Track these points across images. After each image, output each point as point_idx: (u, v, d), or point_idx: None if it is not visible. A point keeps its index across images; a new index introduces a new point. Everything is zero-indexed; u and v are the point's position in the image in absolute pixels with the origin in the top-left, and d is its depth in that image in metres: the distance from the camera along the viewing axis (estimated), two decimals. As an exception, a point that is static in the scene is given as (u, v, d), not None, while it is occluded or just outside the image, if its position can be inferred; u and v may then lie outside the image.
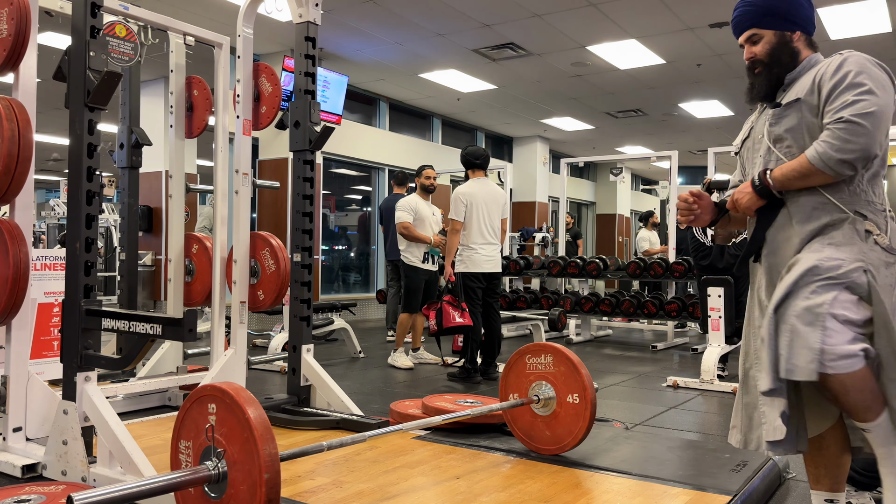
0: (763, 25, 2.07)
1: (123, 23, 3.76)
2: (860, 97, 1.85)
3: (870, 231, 1.90)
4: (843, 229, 1.92)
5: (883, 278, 1.87)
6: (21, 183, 2.69)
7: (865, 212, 1.93)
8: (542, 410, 2.86)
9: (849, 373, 1.75)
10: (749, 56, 2.10)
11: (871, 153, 1.84)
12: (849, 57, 1.95)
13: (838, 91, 1.89)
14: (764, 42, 2.07)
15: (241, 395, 1.75)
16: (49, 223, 11.03)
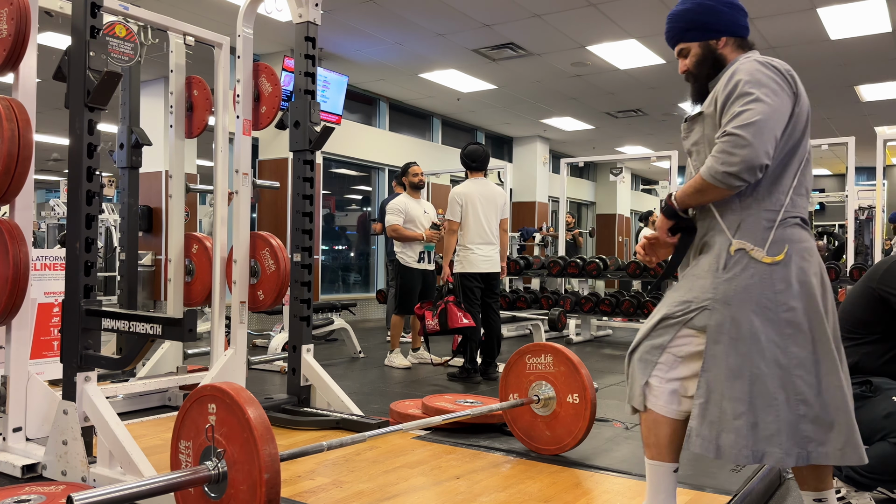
0: (687, 39, 2.11)
1: (123, 23, 3.76)
2: (745, 107, 1.85)
3: (743, 249, 1.88)
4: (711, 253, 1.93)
5: (740, 305, 1.85)
6: (21, 183, 2.69)
7: (747, 222, 1.90)
8: (542, 410, 2.86)
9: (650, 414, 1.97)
10: (682, 69, 2.14)
11: (756, 163, 1.80)
12: (741, 66, 1.96)
13: (729, 103, 1.90)
14: (692, 55, 2.11)
15: (241, 395, 1.75)
16: (49, 223, 11.03)
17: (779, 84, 1.92)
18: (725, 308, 1.86)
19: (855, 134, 7.68)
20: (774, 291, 1.84)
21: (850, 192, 7.21)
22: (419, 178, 5.86)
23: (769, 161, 1.82)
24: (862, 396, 2.41)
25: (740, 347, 1.83)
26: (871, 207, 10.95)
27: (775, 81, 1.91)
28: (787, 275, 1.85)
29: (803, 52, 8.54)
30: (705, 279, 1.91)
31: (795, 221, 1.91)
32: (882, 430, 2.30)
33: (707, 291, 1.89)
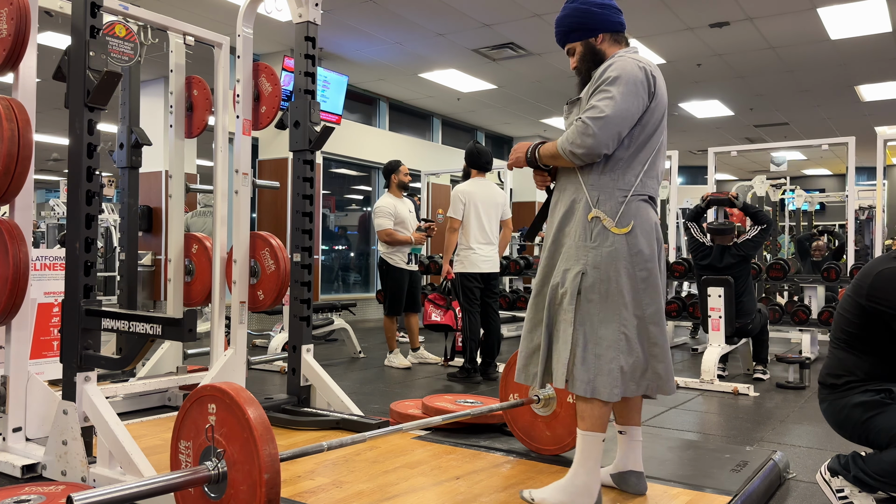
0: (572, 40, 2.39)
1: (123, 23, 3.76)
2: (601, 101, 2.17)
3: (598, 217, 2.22)
4: (576, 220, 2.26)
5: (605, 268, 2.20)
6: (21, 183, 2.69)
7: (604, 197, 2.23)
8: (542, 410, 2.86)
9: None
10: (572, 66, 2.41)
11: (595, 152, 2.16)
12: (615, 62, 2.25)
13: (593, 93, 2.23)
14: (577, 53, 2.39)
15: (241, 395, 1.75)
16: (49, 223, 11.03)
17: (637, 87, 2.20)
18: (595, 271, 2.20)
19: (855, 134, 7.67)
20: (631, 255, 2.21)
21: (850, 193, 7.20)
22: (409, 177, 5.87)
23: (609, 151, 2.19)
24: (881, 403, 2.39)
25: (609, 303, 2.19)
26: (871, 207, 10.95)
27: (636, 84, 2.20)
28: (637, 243, 2.22)
29: (803, 52, 8.54)
30: (578, 249, 2.23)
31: (643, 198, 2.29)
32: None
33: (581, 259, 2.22)
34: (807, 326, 6.30)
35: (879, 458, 2.35)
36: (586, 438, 2.27)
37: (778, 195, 11.00)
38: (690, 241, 5.54)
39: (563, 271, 2.25)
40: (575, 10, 2.36)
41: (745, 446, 3.29)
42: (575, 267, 2.22)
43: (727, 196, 5.63)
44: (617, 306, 2.19)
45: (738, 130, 13.34)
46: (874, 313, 2.40)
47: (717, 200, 5.70)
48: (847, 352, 2.50)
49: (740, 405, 4.44)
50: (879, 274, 2.41)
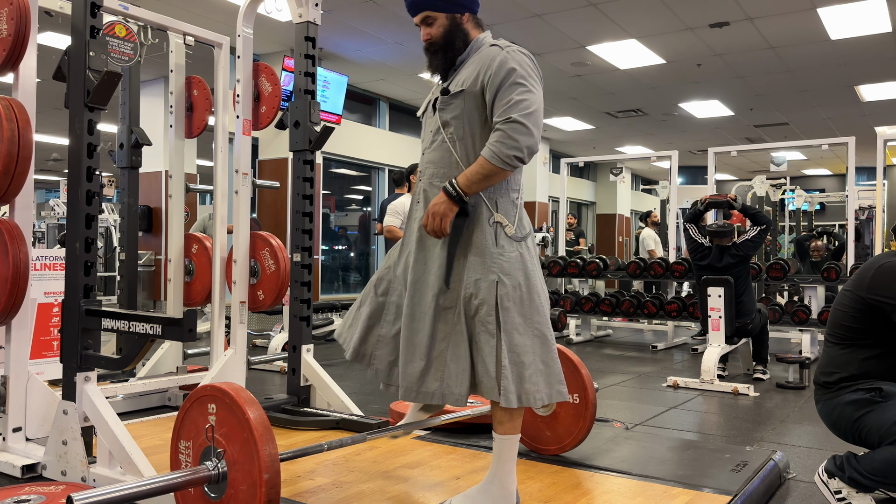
0: (436, 8, 2.20)
1: (123, 23, 3.76)
2: (522, 96, 2.06)
3: (499, 223, 2.16)
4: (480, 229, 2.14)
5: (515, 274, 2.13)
6: (21, 183, 2.69)
7: (501, 201, 2.17)
8: (542, 410, 2.86)
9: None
10: (426, 37, 2.23)
11: (535, 149, 2.07)
12: (510, 55, 2.12)
13: (503, 89, 2.08)
14: (438, 25, 2.21)
15: (240, 395, 1.75)
16: (49, 223, 11.02)
17: (538, 77, 2.15)
18: (508, 279, 2.11)
19: (855, 134, 7.68)
20: (531, 261, 2.19)
21: (850, 193, 7.21)
22: None
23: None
24: (872, 402, 2.39)
25: (523, 309, 2.13)
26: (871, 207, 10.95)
27: (537, 74, 2.15)
28: (532, 248, 2.22)
29: (803, 52, 8.54)
30: (487, 257, 2.13)
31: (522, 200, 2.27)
32: (890, 435, 2.30)
33: (492, 267, 2.12)
34: (807, 326, 6.30)
35: (872, 458, 2.35)
36: (505, 442, 2.19)
37: (778, 195, 11.00)
38: (689, 241, 5.54)
39: (474, 281, 2.11)
40: None
41: (745, 446, 3.29)
42: (488, 276, 2.10)
43: (726, 198, 5.64)
44: (530, 312, 2.13)
45: (738, 130, 13.34)
46: (875, 306, 2.42)
47: (715, 203, 5.70)
48: (840, 348, 2.51)
49: (740, 405, 4.44)
50: (881, 267, 2.43)
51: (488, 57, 2.14)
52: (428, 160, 2.26)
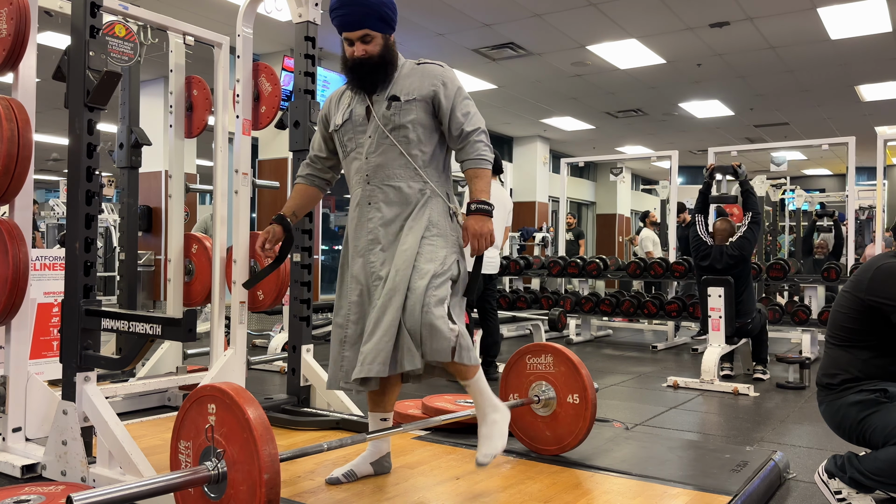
0: (377, 29, 2.36)
1: (123, 23, 3.75)
2: (474, 109, 2.45)
3: (455, 212, 2.43)
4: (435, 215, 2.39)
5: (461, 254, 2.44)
6: (20, 183, 2.68)
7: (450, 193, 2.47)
8: (542, 411, 2.86)
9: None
10: (361, 53, 2.36)
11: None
12: (446, 70, 2.50)
13: (459, 103, 2.42)
14: (375, 43, 2.37)
15: (240, 395, 1.75)
16: (49, 223, 11.02)
17: None
18: (462, 258, 2.41)
19: (855, 134, 7.67)
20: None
21: (850, 192, 7.21)
22: None
23: None
24: (877, 402, 2.39)
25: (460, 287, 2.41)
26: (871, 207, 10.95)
27: None
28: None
29: (803, 52, 8.54)
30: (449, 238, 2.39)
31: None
32: (894, 436, 2.30)
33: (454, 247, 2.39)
34: (807, 326, 6.30)
35: (875, 457, 2.35)
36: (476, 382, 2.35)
37: (778, 195, 11.01)
38: (694, 238, 5.47)
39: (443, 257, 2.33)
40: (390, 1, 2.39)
41: (745, 446, 3.28)
42: (452, 255, 2.37)
43: (731, 165, 5.58)
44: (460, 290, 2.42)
45: (738, 130, 13.34)
46: (874, 307, 2.41)
47: (721, 168, 5.70)
48: (842, 349, 2.51)
49: (740, 405, 4.44)
50: (879, 268, 2.42)
51: (432, 72, 2.46)
52: (375, 164, 2.40)
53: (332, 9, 2.35)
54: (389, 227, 2.38)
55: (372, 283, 2.37)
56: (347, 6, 2.32)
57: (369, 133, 2.42)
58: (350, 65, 2.40)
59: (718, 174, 6.01)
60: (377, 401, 2.59)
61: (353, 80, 2.43)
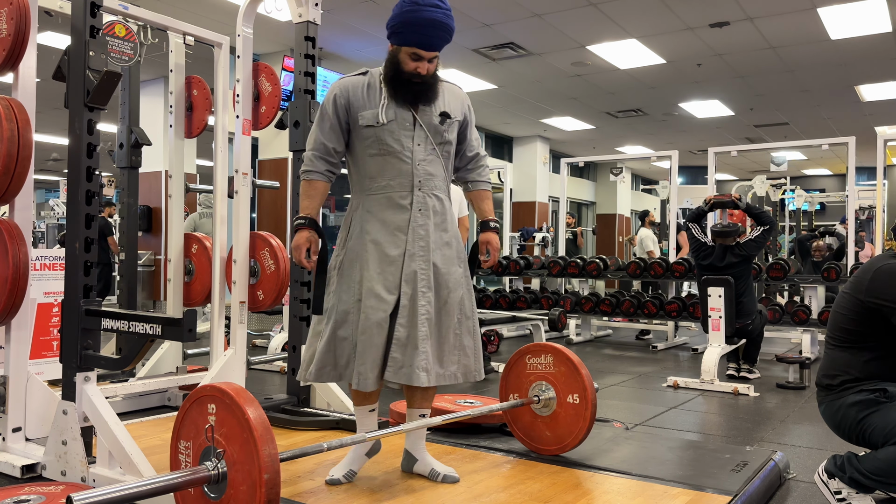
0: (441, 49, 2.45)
1: (123, 22, 3.75)
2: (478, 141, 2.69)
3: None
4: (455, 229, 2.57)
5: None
6: (20, 183, 2.69)
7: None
8: (542, 411, 2.86)
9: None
10: (426, 72, 2.42)
11: None
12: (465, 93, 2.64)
13: (472, 125, 2.64)
14: (436, 63, 2.46)
15: (240, 395, 1.75)
16: (49, 223, 11.02)
17: None
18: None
19: (855, 134, 7.67)
20: None
21: (850, 193, 7.21)
22: None
23: None
24: (877, 402, 2.39)
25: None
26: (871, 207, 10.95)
27: None
28: None
29: (803, 52, 8.54)
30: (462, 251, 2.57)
31: None
32: (894, 435, 2.30)
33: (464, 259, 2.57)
34: (807, 326, 6.30)
35: (874, 457, 2.35)
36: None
37: (778, 195, 11.01)
38: (692, 240, 5.53)
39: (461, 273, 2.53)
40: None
41: (745, 446, 3.28)
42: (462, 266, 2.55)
43: (730, 198, 5.62)
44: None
45: (738, 130, 13.34)
46: (874, 309, 2.40)
47: (720, 203, 5.70)
48: (842, 350, 2.51)
49: (740, 405, 4.44)
50: (879, 270, 2.42)
51: (461, 95, 2.60)
52: (426, 172, 2.47)
53: (413, 24, 2.34)
54: (436, 235, 2.48)
55: (420, 289, 2.41)
56: (436, 29, 2.35)
57: (418, 141, 2.45)
58: (410, 78, 2.41)
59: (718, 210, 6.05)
60: (369, 396, 2.59)
61: (408, 92, 2.43)
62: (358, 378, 2.37)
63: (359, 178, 2.51)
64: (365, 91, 2.48)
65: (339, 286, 2.46)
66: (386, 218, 2.44)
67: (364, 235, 2.44)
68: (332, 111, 2.50)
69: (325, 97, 2.54)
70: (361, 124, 2.46)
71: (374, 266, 2.41)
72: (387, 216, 2.44)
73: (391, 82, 2.44)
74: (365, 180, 2.48)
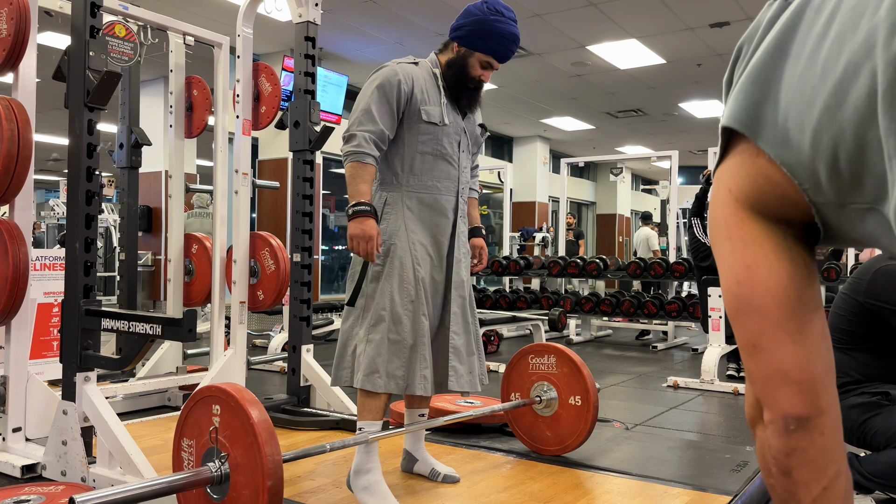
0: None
1: (123, 23, 3.75)
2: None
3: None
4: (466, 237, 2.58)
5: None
6: (21, 183, 2.68)
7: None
8: (544, 411, 2.86)
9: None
10: (486, 80, 2.43)
11: None
12: None
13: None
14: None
15: (246, 399, 1.74)
16: (49, 223, 11.02)
17: None
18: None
19: (855, 134, 7.66)
20: None
21: (850, 192, 7.20)
22: None
23: None
24: (879, 405, 2.39)
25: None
26: (871, 207, 10.91)
27: None
28: None
29: (803, 52, 8.53)
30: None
31: None
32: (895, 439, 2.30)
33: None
34: (807, 326, 6.28)
35: (875, 459, 2.35)
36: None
37: (778, 195, 10.98)
38: (692, 240, 5.51)
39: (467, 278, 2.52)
40: None
41: (745, 446, 3.28)
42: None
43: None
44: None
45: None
46: (872, 310, 2.40)
47: None
48: (841, 352, 2.50)
49: (740, 405, 4.44)
50: (878, 271, 2.41)
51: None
52: (466, 179, 2.49)
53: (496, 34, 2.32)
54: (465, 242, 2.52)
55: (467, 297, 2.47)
56: (514, 44, 2.37)
57: (463, 148, 2.45)
58: (475, 85, 2.42)
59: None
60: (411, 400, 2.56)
61: (467, 98, 2.43)
62: (424, 384, 2.27)
63: (400, 172, 2.36)
64: (424, 87, 2.37)
65: (387, 285, 2.30)
66: (430, 220, 2.38)
67: (411, 235, 2.34)
68: (395, 96, 2.31)
69: (385, 77, 2.32)
70: (424, 119, 2.34)
71: (425, 269, 2.34)
72: (431, 218, 2.38)
73: (454, 85, 2.40)
74: (408, 176, 2.36)
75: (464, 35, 2.36)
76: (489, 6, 2.33)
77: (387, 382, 2.25)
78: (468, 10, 2.39)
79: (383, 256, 2.32)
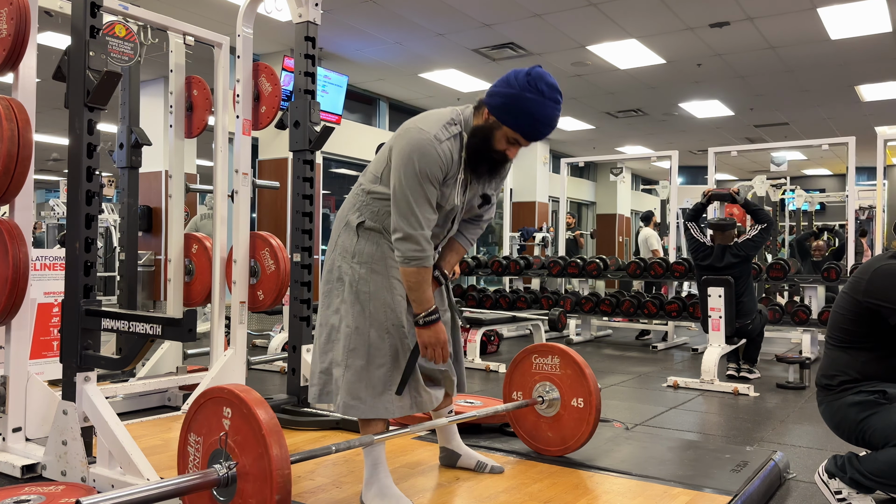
0: None
1: (123, 23, 3.75)
2: None
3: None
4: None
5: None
6: (21, 183, 2.68)
7: None
8: (546, 411, 2.85)
9: None
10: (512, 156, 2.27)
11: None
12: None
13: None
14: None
15: (257, 405, 1.73)
16: (49, 223, 11.02)
17: None
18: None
19: (855, 134, 7.68)
20: None
21: (850, 192, 7.21)
22: None
23: None
24: (876, 404, 2.39)
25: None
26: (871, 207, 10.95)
27: None
28: None
29: (803, 52, 8.54)
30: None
31: None
32: (894, 438, 2.30)
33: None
34: (807, 326, 6.30)
35: (875, 458, 2.35)
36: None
37: (778, 195, 11.01)
38: (690, 241, 5.53)
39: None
40: None
41: (745, 446, 3.28)
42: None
43: (728, 192, 5.62)
44: None
45: (738, 130, 13.34)
46: (872, 309, 2.40)
47: (718, 196, 5.70)
48: (841, 350, 2.51)
49: (740, 405, 4.44)
50: (877, 270, 2.41)
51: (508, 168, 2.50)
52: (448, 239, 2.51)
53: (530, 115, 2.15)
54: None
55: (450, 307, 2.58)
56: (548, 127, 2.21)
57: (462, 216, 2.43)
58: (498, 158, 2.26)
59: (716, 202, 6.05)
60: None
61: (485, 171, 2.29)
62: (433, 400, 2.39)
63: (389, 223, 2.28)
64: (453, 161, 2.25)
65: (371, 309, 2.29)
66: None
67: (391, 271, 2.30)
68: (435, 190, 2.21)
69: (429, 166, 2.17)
70: (441, 203, 2.26)
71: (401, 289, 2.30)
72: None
73: (473, 155, 2.25)
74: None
75: (496, 105, 2.19)
76: (531, 82, 2.14)
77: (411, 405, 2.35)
78: (508, 78, 2.19)
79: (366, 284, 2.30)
